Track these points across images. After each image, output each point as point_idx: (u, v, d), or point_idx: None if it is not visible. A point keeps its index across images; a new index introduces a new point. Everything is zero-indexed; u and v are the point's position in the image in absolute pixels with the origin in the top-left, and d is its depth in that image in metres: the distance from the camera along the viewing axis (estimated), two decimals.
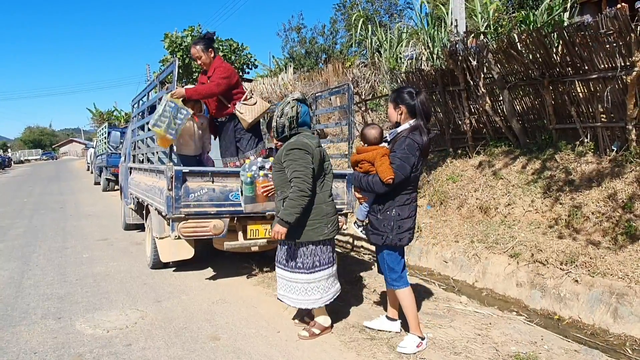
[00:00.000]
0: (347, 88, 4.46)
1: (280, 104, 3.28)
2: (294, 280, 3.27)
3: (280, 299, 3.42)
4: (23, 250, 6.27)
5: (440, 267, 5.70)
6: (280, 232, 3.07)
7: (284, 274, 3.33)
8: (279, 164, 3.19)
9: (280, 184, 3.21)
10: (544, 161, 5.93)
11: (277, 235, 3.08)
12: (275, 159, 3.26)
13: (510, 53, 6.03)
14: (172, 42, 16.32)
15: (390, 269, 3.17)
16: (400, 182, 2.98)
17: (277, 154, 3.27)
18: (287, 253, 3.28)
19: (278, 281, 3.42)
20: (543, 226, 5.19)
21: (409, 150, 2.96)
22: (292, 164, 3.07)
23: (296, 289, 3.27)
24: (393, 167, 2.95)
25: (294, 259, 3.24)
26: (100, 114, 36.20)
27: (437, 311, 3.92)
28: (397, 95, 3.13)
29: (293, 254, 3.25)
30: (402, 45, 12.16)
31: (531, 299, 4.52)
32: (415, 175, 3.06)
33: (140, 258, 5.70)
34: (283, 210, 3.04)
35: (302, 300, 3.28)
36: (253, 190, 3.81)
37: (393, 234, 3.07)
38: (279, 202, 3.21)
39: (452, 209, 6.47)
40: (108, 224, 8.34)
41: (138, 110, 6.54)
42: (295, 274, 3.25)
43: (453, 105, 7.31)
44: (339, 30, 22.70)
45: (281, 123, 3.20)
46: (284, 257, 3.30)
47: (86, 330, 3.45)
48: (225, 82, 4.39)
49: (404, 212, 3.08)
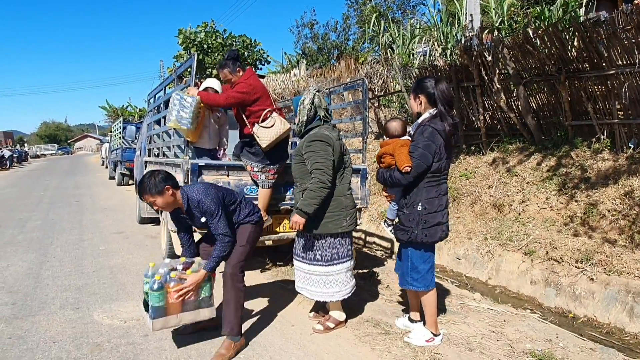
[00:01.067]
0: (361, 83, 4.45)
1: (300, 99, 3.29)
2: (312, 273, 3.28)
3: (299, 291, 3.43)
4: (41, 242, 6.39)
5: (453, 264, 5.69)
6: (299, 222, 3.07)
7: (302, 266, 3.34)
8: (300, 155, 3.21)
9: (300, 175, 3.24)
10: (559, 158, 5.87)
11: (295, 225, 3.09)
12: (296, 150, 3.28)
13: (526, 48, 5.97)
14: (186, 38, 16.38)
15: (414, 268, 3.06)
16: (423, 172, 2.90)
17: (298, 145, 3.30)
18: (305, 245, 3.30)
19: (296, 273, 3.43)
20: (558, 224, 5.15)
21: (429, 138, 2.87)
22: (313, 156, 3.09)
23: (315, 281, 3.29)
24: (414, 156, 2.89)
25: (313, 251, 3.26)
26: (115, 109, 36.60)
27: (451, 307, 3.92)
28: (417, 85, 3.07)
29: (311, 246, 3.26)
30: (414, 42, 12.09)
31: (545, 297, 4.50)
32: (441, 165, 2.94)
33: (156, 251, 5.77)
34: (302, 201, 3.07)
35: (320, 293, 3.29)
36: (163, 298, 2.87)
37: (419, 229, 2.94)
38: (298, 194, 3.25)
39: (466, 206, 6.44)
40: (123, 218, 8.44)
41: (154, 104, 6.60)
42: (314, 266, 3.27)
43: (467, 102, 7.27)
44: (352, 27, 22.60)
45: (311, 115, 3.23)
46: (302, 249, 3.32)
47: (104, 321, 3.51)
48: (238, 97, 4.00)
49: (432, 206, 2.95)
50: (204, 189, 3.03)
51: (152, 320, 2.86)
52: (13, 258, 5.49)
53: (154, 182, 2.88)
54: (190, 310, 2.99)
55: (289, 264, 4.86)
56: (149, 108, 7.30)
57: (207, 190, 3.02)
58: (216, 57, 16.53)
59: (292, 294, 3.98)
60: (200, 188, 3.05)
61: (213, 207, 2.95)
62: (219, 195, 3.04)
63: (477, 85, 6.83)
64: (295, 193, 3.31)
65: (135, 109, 34.37)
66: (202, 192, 3.00)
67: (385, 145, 3.15)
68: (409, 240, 3.02)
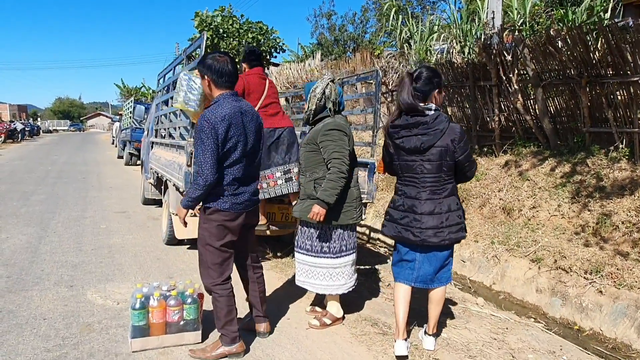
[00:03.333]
0: (375, 75, 4.32)
1: (313, 85, 3.17)
2: (318, 265, 3.20)
3: (301, 285, 3.34)
4: (43, 216, 6.36)
5: (457, 267, 5.55)
6: (320, 213, 2.97)
7: (306, 259, 3.24)
8: (313, 144, 3.10)
9: (311, 164, 3.14)
10: (575, 165, 5.70)
11: (316, 216, 2.98)
12: (307, 139, 3.18)
13: (547, 49, 5.78)
14: (202, 21, 16.23)
15: (393, 263, 3.02)
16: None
17: (309, 134, 3.19)
18: (312, 237, 3.20)
19: (297, 267, 3.32)
20: (569, 232, 5.00)
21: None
22: (331, 144, 3.01)
23: (320, 274, 3.20)
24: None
25: (321, 242, 3.17)
26: (128, 89, 36.67)
27: (452, 311, 3.80)
28: (439, 76, 2.86)
29: (320, 238, 3.17)
30: (433, 39, 11.88)
31: (551, 307, 4.36)
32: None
33: (156, 233, 5.72)
34: (323, 192, 2.97)
35: (325, 286, 3.21)
36: (144, 317, 2.76)
37: (392, 223, 2.90)
38: (308, 183, 3.13)
39: (474, 208, 6.30)
40: (128, 197, 8.41)
41: (163, 84, 6.52)
42: (320, 258, 3.18)
43: (482, 101, 7.10)
44: (370, 20, 22.37)
45: (321, 105, 3.11)
46: (308, 241, 3.22)
47: (97, 301, 3.45)
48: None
49: (396, 201, 2.93)
50: (216, 108, 2.59)
51: (130, 339, 2.77)
52: (13, 230, 5.46)
53: (201, 61, 2.69)
54: (174, 332, 2.84)
55: (289, 256, 4.77)
56: (158, 88, 7.23)
57: (216, 111, 2.56)
58: (232, 42, 16.39)
59: (289, 287, 3.89)
60: (216, 108, 2.59)
61: (200, 134, 2.53)
62: (223, 125, 2.54)
63: (494, 85, 6.65)
64: (305, 183, 3.17)
65: (149, 89, 34.41)
66: (211, 109, 2.59)
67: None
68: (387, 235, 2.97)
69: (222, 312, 2.69)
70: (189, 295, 2.86)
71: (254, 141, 2.75)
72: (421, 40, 12.02)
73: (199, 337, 2.90)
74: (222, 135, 2.53)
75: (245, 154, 2.68)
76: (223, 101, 2.62)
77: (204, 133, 2.51)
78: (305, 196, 3.15)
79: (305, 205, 3.12)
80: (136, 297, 2.75)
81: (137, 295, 2.76)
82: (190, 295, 2.86)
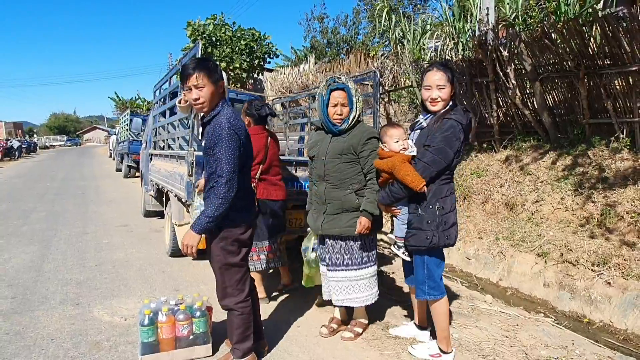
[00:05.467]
0: (373, 75, 4.31)
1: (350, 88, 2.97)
2: (362, 277, 3.06)
3: (340, 305, 3.15)
4: (44, 234, 6.32)
5: (462, 264, 5.54)
6: (368, 225, 2.86)
7: (347, 274, 3.05)
8: (351, 154, 2.93)
9: (349, 176, 2.95)
10: (576, 157, 5.69)
11: (365, 230, 2.86)
12: (344, 149, 2.93)
13: (544, 43, 5.78)
14: (195, 31, 16.25)
15: (430, 276, 2.78)
16: (442, 171, 2.65)
17: (344, 143, 2.94)
18: (351, 250, 3.03)
19: (334, 286, 3.09)
20: (573, 225, 4.98)
21: (452, 132, 2.61)
22: (374, 154, 2.90)
23: (362, 286, 3.07)
24: (431, 151, 2.62)
25: (362, 253, 3.05)
26: (124, 102, 36.64)
27: (461, 310, 3.78)
28: (453, 71, 2.79)
29: (362, 249, 3.05)
30: (426, 37, 11.88)
31: (559, 301, 4.34)
32: (456, 162, 2.73)
33: (159, 245, 5.68)
34: (369, 204, 2.85)
35: (367, 297, 3.10)
36: (153, 334, 2.73)
37: (439, 231, 2.66)
38: (348, 197, 2.94)
39: (476, 205, 6.28)
40: (128, 210, 8.37)
41: (160, 96, 6.50)
42: (363, 269, 3.06)
43: (480, 98, 7.09)
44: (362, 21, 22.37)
45: (358, 114, 2.99)
46: (347, 255, 3.04)
47: (104, 318, 3.42)
48: None
49: (447, 205, 2.70)
50: (236, 119, 2.50)
51: (140, 356, 2.70)
52: (15, 250, 5.42)
53: (215, 67, 2.53)
54: (184, 347, 2.78)
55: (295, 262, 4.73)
56: (154, 100, 7.21)
57: (236, 125, 2.46)
58: (224, 50, 16.40)
59: (297, 294, 3.86)
60: (236, 117, 2.52)
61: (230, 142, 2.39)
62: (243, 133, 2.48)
63: (491, 80, 6.65)
64: (343, 197, 2.94)
65: (144, 101, 34.39)
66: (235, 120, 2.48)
67: (382, 158, 2.80)
68: (430, 245, 2.69)
69: (239, 329, 2.63)
70: (198, 308, 2.84)
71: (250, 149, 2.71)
72: (414, 40, 12.03)
73: (210, 350, 2.87)
74: (243, 142, 2.48)
75: (249, 164, 2.69)
76: (228, 108, 2.55)
77: (232, 140, 2.39)
78: (341, 210, 2.96)
79: (345, 220, 2.94)
80: (144, 314, 2.72)
81: (145, 311, 2.73)
82: (199, 309, 2.84)
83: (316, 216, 3.07)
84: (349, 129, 2.97)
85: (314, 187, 3.11)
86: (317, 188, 3.05)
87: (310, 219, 3.18)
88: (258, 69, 17.70)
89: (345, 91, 2.95)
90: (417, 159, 2.68)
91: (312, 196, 3.16)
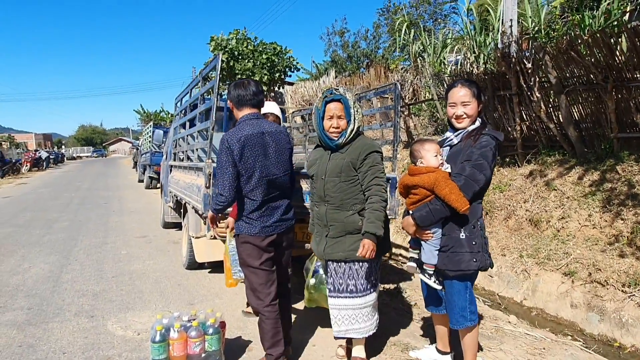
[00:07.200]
0: (394, 87, 4.23)
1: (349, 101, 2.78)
2: (366, 305, 2.81)
3: (342, 337, 2.88)
4: (65, 244, 6.40)
5: (484, 282, 5.37)
6: (373, 248, 2.57)
7: (351, 302, 2.78)
8: (351, 170, 2.69)
9: (351, 196, 2.71)
10: (604, 172, 5.48)
11: (369, 253, 2.55)
12: (343, 166, 2.70)
13: (570, 55, 5.62)
14: (218, 45, 16.48)
15: (472, 301, 2.61)
16: (485, 188, 2.53)
17: (342, 160, 2.71)
18: (356, 275, 2.77)
19: (336, 315, 2.83)
20: (602, 243, 4.77)
21: (490, 148, 2.49)
22: (372, 169, 2.67)
23: (366, 314, 2.82)
24: (473, 166, 2.47)
25: (366, 278, 2.78)
26: (148, 114, 37.38)
27: (485, 331, 3.63)
28: (478, 87, 2.69)
29: (367, 273, 2.79)
30: (446, 51, 11.82)
31: (587, 323, 4.14)
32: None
33: (177, 257, 5.68)
34: (371, 224, 2.57)
35: (369, 327, 2.86)
36: (164, 351, 2.68)
37: (482, 252, 2.51)
38: (350, 218, 2.71)
39: (499, 220, 6.10)
40: (149, 221, 8.44)
41: (180, 108, 6.55)
42: (367, 296, 2.80)
43: (502, 111, 6.94)
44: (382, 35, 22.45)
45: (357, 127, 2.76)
46: (351, 281, 2.78)
47: (117, 332, 3.39)
48: None
49: (483, 225, 2.59)
50: (235, 130, 2.69)
51: None
52: (36, 260, 5.48)
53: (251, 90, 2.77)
54: None
55: None
56: (175, 112, 7.28)
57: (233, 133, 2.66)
58: (246, 64, 16.58)
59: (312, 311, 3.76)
60: (235, 130, 2.69)
61: (220, 156, 2.63)
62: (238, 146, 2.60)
63: (514, 93, 6.50)
64: (344, 218, 2.71)
65: (168, 113, 34.99)
66: (229, 131, 2.71)
67: (418, 174, 2.56)
68: (477, 269, 2.53)
69: (268, 334, 2.71)
70: (210, 325, 2.77)
71: (278, 161, 2.74)
72: (434, 53, 11.96)
73: None
74: (237, 156, 2.58)
75: (267, 175, 2.69)
76: (243, 123, 2.70)
77: (222, 154, 2.60)
78: (344, 233, 2.72)
79: (349, 243, 2.70)
80: (156, 330, 2.66)
81: (157, 327, 2.67)
82: (212, 326, 2.77)
83: (318, 239, 2.84)
84: (346, 143, 2.73)
85: (315, 208, 2.87)
86: (318, 210, 2.82)
87: (313, 242, 2.96)
88: (279, 82, 17.83)
89: (341, 102, 2.73)
90: (457, 173, 2.52)
91: (314, 218, 2.92)
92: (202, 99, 4.96)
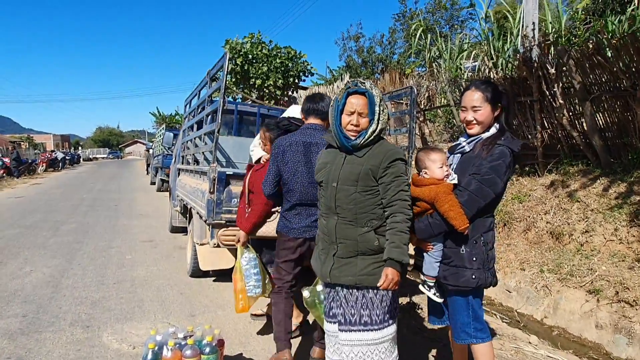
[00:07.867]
0: (410, 92, 4.02)
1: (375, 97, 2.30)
2: (382, 340, 2.30)
3: None
4: (70, 247, 6.28)
5: (502, 297, 5.09)
6: (397, 280, 2.13)
7: (366, 336, 2.28)
8: (370, 179, 2.24)
9: (367, 209, 2.25)
10: (631, 184, 5.18)
11: (393, 286, 2.12)
12: (362, 173, 2.24)
13: (596, 60, 5.35)
14: (232, 48, 16.45)
15: (476, 318, 2.40)
16: (490, 203, 2.32)
17: (360, 166, 2.26)
18: (371, 305, 2.29)
19: (346, 353, 2.31)
20: (629, 259, 4.48)
21: (504, 161, 2.27)
22: (397, 181, 2.21)
23: (383, 350, 2.30)
24: (480, 181, 2.26)
25: (383, 308, 2.29)
26: (163, 117, 37.62)
27: (503, 352, 3.38)
28: (495, 90, 2.43)
29: (385, 301, 2.30)
30: (462, 57, 11.59)
31: (615, 346, 3.85)
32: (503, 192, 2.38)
33: (181, 264, 5.51)
34: (396, 249, 2.12)
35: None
36: None
37: (485, 269, 2.33)
38: (365, 236, 2.24)
39: (518, 232, 5.82)
40: (156, 225, 8.33)
41: (189, 110, 6.43)
42: (385, 329, 2.29)
43: (523, 118, 6.67)
44: (398, 41, 22.25)
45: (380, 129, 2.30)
46: (365, 311, 2.29)
47: (112, 344, 3.22)
48: None
49: (490, 239, 2.36)
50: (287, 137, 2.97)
51: None
52: (38, 263, 5.37)
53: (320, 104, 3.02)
54: None
55: None
56: (184, 114, 7.16)
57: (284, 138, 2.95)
58: (261, 68, 16.51)
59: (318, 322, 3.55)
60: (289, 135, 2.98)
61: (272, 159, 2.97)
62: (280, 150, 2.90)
63: (535, 100, 6.24)
64: (358, 235, 2.24)
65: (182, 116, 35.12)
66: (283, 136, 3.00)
67: (420, 186, 2.38)
68: (477, 286, 2.34)
69: (278, 316, 2.96)
70: (208, 343, 2.56)
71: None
72: (451, 59, 11.74)
73: None
74: (280, 158, 2.86)
75: (303, 181, 2.84)
76: (300, 131, 2.95)
77: (272, 153, 2.95)
78: (355, 253, 2.25)
79: (362, 266, 2.24)
80: (148, 347, 2.44)
81: (149, 344, 2.44)
82: (209, 344, 2.56)
83: (324, 258, 2.34)
84: (365, 145, 2.27)
85: (322, 220, 2.39)
86: (326, 223, 2.33)
87: (315, 261, 2.45)
88: (293, 86, 17.72)
89: (366, 97, 2.27)
90: (462, 187, 2.30)
91: (320, 231, 2.42)
92: (209, 100, 4.81)
